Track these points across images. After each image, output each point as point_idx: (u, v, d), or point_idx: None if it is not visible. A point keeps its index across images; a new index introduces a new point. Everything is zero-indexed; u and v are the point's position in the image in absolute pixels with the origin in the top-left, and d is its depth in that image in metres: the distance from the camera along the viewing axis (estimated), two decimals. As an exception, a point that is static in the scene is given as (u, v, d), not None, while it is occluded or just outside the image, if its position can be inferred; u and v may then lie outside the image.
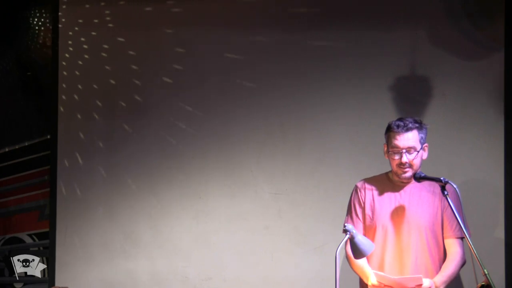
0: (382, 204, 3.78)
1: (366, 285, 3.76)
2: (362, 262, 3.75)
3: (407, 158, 3.67)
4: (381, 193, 3.80)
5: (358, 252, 3.53)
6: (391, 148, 3.71)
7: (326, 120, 4.61)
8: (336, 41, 4.60)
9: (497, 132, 4.41)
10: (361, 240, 3.51)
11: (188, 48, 4.81)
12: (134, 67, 4.88)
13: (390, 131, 3.72)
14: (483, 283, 3.39)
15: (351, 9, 4.60)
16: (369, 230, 3.80)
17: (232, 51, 4.74)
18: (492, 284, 3.36)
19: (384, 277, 3.62)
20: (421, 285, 3.55)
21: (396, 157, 3.69)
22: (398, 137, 3.68)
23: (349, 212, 3.87)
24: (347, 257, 3.81)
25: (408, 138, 3.67)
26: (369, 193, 3.82)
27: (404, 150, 3.67)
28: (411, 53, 4.52)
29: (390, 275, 3.63)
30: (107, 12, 4.92)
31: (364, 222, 3.81)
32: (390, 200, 3.78)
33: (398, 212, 3.75)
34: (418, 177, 3.68)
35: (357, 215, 3.83)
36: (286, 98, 4.66)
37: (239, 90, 4.72)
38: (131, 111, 4.87)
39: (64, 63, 4.97)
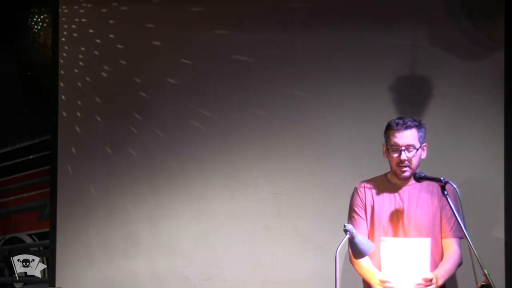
0: (382, 205, 3.78)
1: (369, 285, 3.76)
2: (365, 263, 3.72)
3: (406, 155, 3.67)
4: (380, 194, 3.80)
5: (358, 252, 3.52)
6: (390, 146, 3.70)
7: (326, 120, 4.61)
8: (336, 41, 4.60)
9: (497, 132, 4.41)
10: (361, 240, 3.50)
11: (188, 48, 4.80)
12: (134, 67, 4.88)
13: (389, 129, 3.72)
14: (483, 283, 3.38)
15: (351, 9, 4.60)
16: (369, 231, 3.79)
17: (232, 52, 4.74)
18: (492, 284, 3.35)
19: (393, 240, 3.61)
20: (426, 279, 3.53)
21: (395, 154, 3.69)
22: (397, 134, 3.68)
23: (350, 214, 3.86)
24: (350, 259, 3.79)
25: (407, 136, 3.67)
26: (369, 193, 3.82)
27: (403, 148, 3.67)
28: (411, 53, 4.51)
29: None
30: (107, 11, 4.91)
31: (367, 221, 3.81)
32: (389, 201, 3.78)
33: (397, 213, 3.75)
34: (418, 177, 3.67)
35: (359, 215, 3.82)
36: (286, 98, 4.66)
37: (239, 90, 4.72)
38: (131, 111, 4.87)
39: (64, 62, 4.97)
